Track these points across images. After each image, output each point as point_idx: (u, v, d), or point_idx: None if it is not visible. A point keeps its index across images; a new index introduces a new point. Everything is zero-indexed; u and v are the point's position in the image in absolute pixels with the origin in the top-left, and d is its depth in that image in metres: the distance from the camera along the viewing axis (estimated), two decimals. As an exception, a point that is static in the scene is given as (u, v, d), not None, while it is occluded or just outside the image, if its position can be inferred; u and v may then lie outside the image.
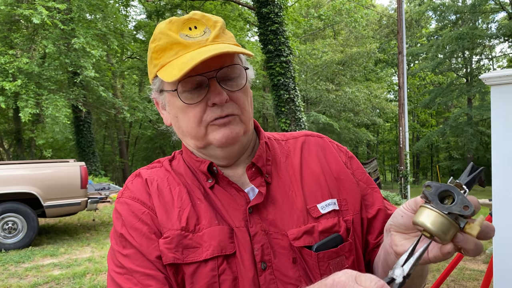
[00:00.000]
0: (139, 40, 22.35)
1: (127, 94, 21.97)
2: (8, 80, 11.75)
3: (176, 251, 0.83)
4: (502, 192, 2.20)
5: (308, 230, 0.87)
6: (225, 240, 0.84)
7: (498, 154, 2.18)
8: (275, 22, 13.21)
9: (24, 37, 13.57)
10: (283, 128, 13.55)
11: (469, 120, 25.14)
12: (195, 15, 0.88)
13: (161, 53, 0.86)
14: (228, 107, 0.85)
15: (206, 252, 0.83)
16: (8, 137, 20.28)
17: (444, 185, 0.65)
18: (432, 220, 0.63)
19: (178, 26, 0.86)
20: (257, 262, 0.84)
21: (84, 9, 13.98)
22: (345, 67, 24.96)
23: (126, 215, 0.88)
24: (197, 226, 0.85)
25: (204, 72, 0.83)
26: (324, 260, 0.86)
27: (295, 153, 0.99)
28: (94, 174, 16.74)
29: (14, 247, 6.70)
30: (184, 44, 0.84)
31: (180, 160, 0.99)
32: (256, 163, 0.92)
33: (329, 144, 1.03)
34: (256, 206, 0.89)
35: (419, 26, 33.51)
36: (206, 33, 0.86)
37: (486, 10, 24.68)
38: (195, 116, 0.86)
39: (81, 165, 7.34)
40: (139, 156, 30.36)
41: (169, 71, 0.82)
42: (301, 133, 1.05)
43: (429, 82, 34.67)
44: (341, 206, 0.92)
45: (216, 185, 0.91)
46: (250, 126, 0.93)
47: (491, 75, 2.08)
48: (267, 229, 0.87)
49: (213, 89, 0.84)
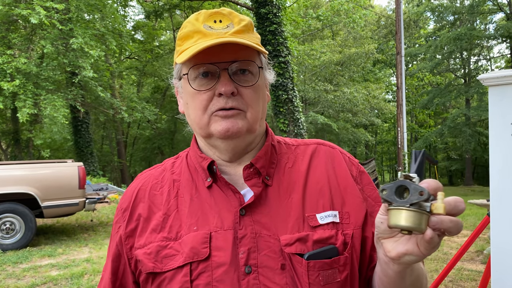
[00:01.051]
0: (138, 40, 22.33)
1: (125, 95, 21.94)
2: (6, 80, 11.72)
3: (155, 260, 0.87)
4: (500, 192, 2.21)
5: (302, 238, 0.85)
6: (198, 246, 0.85)
7: (496, 154, 2.18)
8: (274, 22, 13.22)
9: (22, 37, 13.53)
10: (282, 129, 13.55)
11: (467, 121, 25.17)
12: (223, 10, 0.90)
13: (184, 40, 0.89)
14: (234, 101, 0.86)
15: (181, 259, 0.85)
16: (6, 137, 20.21)
17: (395, 182, 0.67)
18: (401, 217, 0.65)
19: (204, 17, 0.89)
20: (241, 266, 0.83)
21: (82, 9, 13.95)
22: (344, 67, 24.97)
23: (113, 221, 0.99)
24: (179, 233, 0.88)
25: (217, 62, 0.85)
26: (314, 269, 0.83)
27: (303, 160, 0.97)
28: (92, 175, 16.72)
29: (12, 248, 6.68)
30: (204, 33, 0.86)
31: (182, 159, 1.01)
32: (254, 163, 0.91)
33: (340, 155, 1.00)
34: (250, 208, 0.88)
35: (417, 26, 33.54)
36: (229, 27, 0.88)
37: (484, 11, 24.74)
38: (201, 103, 0.87)
39: (79, 165, 7.33)
40: (137, 157, 30.35)
41: (184, 55, 0.85)
42: (313, 141, 1.04)
43: (427, 82, 34.74)
44: (342, 219, 0.89)
45: (214, 185, 0.92)
46: (258, 126, 0.92)
47: (489, 76, 2.08)
48: (258, 232, 0.86)
49: (222, 79, 0.85)
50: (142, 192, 0.96)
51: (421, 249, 0.68)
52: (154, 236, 0.89)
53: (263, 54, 0.93)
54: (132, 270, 0.93)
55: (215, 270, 0.83)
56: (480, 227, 2.95)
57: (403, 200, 0.65)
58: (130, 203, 0.96)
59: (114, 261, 0.94)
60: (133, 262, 0.91)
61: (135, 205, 0.95)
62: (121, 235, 0.93)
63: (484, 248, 6.25)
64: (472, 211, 10.36)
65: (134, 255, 0.91)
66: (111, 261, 0.94)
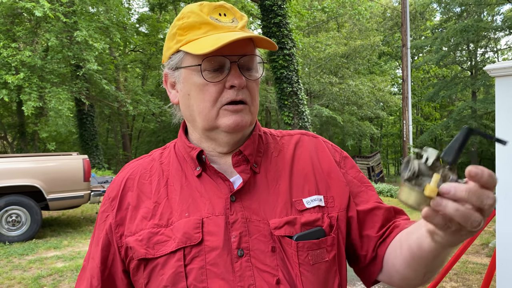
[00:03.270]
0: (142, 33, 22.28)
1: (130, 87, 21.95)
2: (11, 74, 11.76)
3: (147, 246, 0.88)
4: (506, 185, 2.18)
5: (290, 221, 0.89)
6: (190, 231, 0.87)
7: (502, 147, 2.15)
8: (278, 14, 13.14)
9: (26, 30, 13.54)
10: (286, 122, 13.51)
11: (473, 114, 24.99)
12: (226, 4, 0.93)
13: (188, 30, 0.90)
14: (243, 93, 0.89)
15: (173, 245, 0.87)
16: (12, 130, 20.33)
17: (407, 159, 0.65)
18: (401, 192, 0.64)
19: (209, 9, 0.91)
20: (233, 249, 0.86)
21: (86, 2, 13.93)
22: (349, 60, 24.82)
23: (99, 210, 1.00)
24: (170, 220, 0.90)
25: (229, 55, 0.87)
26: (303, 250, 0.87)
27: (288, 149, 1.02)
28: (97, 167, 16.79)
29: (18, 240, 6.73)
30: (214, 25, 0.89)
31: (171, 150, 1.03)
32: (243, 151, 0.94)
33: (322, 143, 1.05)
34: (240, 195, 0.91)
35: (424, 18, 33.21)
36: (234, 21, 0.92)
37: (491, 2, 24.46)
38: (211, 95, 0.88)
39: (84, 158, 7.37)
40: (142, 150, 30.41)
41: (200, 45, 0.86)
42: (296, 132, 1.08)
43: (433, 75, 34.46)
44: (327, 203, 0.94)
45: (204, 173, 0.94)
46: (255, 119, 0.97)
47: (496, 66, 2.05)
48: (249, 217, 0.89)
49: (233, 72, 0.88)
50: (130, 181, 0.98)
51: (441, 233, 0.66)
52: (145, 223, 0.91)
53: (258, 49, 0.97)
54: (122, 258, 0.94)
55: (208, 254, 0.86)
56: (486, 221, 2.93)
57: (407, 176, 0.63)
58: (118, 192, 0.97)
59: (104, 250, 0.94)
60: (123, 249, 0.92)
61: (123, 194, 0.96)
62: (110, 223, 0.94)
63: (490, 241, 6.22)
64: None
65: (124, 243, 0.92)
66: (101, 250, 0.94)
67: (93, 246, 0.98)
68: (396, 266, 0.90)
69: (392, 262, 0.91)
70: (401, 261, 0.87)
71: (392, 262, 0.91)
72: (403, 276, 0.90)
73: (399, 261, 0.88)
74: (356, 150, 32.80)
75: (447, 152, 0.62)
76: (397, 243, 0.90)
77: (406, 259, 0.85)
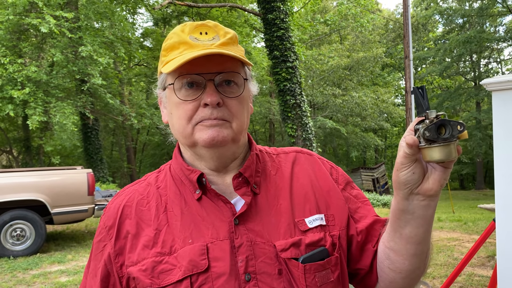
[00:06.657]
0: (146, 47, 22.49)
1: (134, 101, 22.10)
2: (17, 89, 11.89)
3: (152, 276, 0.85)
4: (505, 196, 2.18)
5: (296, 243, 0.88)
6: (196, 258, 0.85)
7: (501, 159, 2.16)
8: (281, 28, 13.25)
9: (32, 45, 13.72)
10: (290, 134, 13.54)
11: (477, 124, 24.94)
12: (208, 23, 0.92)
13: (169, 51, 0.90)
14: (219, 111, 0.87)
15: (180, 273, 0.84)
16: (17, 144, 20.46)
17: (435, 123, 0.73)
18: (443, 152, 0.74)
19: (190, 29, 0.90)
20: (241, 274, 0.85)
21: (91, 18, 14.12)
22: (352, 71, 24.92)
23: (95, 240, 0.96)
24: (173, 248, 0.88)
25: (203, 72, 0.86)
26: (310, 272, 0.86)
27: (285, 168, 1.01)
28: (101, 181, 16.81)
29: (22, 254, 6.74)
30: (190, 44, 0.87)
31: (166, 173, 1.00)
32: (243, 173, 0.93)
33: (318, 161, 1.05)
34: (243, 217, 0.89)
35: (426, 30, 33.35)
36: (215, 39, 0.89)
37: (493, 13, 24.56)
38: (186, 113, 0.88)
39: (88, 172, 7.40)
40: (146, 163, 30.48)
41: (170, 65, 0.86)
42: (291, 149, 1.08)
43: (437, 86, 34.48)
44: (328, 222, 0.94)
45: (204, 196, 0.92)
46: (242, 137, 0.94)
47: (492, 81, 2.07)
48: (254, 240, 0.88)
49: (208, 90, 0.86)
50: (127, 208, 0.94)
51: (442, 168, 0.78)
52: (147, 252, 0.88)
53: (247, 67, 0.95)
54: None
55: (215, 281, 0.84)
56: (486, 233, 2.92)
57: (443, 136, 0.73)
58: (116, 220, 0.93)
59: (103, 281, 0.91)
60: (125, 280, 0.89)
61: (121, 222, 0.93)
62: (109, 253, 0.91)
63: (495, 253, 6.16)
64: (484, 215, 10.23)
65: (126, 273, 0.89)
66: (100, 281, 0.91)
67: (90, 277, 0.95)
68: (397, 263, 0.90)
69: (389, 263, 0.91)
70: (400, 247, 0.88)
71: (391, 262, 0.91)
72: (408, 268, 0.90)
73: (399, 250, 0.89)
74: (360, 162, 32.70)
75: (419, 111, 0.77)
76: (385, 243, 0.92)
77: (403, 244, 0.87)
